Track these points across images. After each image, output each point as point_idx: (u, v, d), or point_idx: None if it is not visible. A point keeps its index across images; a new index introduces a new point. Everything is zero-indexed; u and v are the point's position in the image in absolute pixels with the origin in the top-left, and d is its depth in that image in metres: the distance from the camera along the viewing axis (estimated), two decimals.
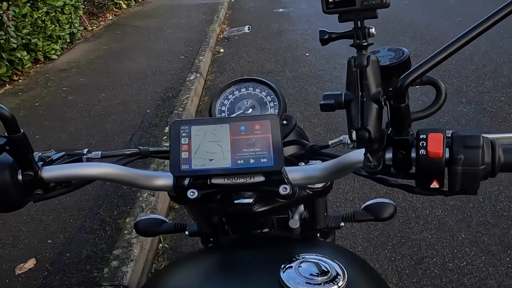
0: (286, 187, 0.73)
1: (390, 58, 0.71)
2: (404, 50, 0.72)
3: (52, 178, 0.75)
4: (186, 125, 0.75)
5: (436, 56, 0.56)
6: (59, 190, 0.78)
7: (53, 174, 0.75)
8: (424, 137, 0.61)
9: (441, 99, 0.70)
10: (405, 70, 0.68)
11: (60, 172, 0.76)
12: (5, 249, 2.46)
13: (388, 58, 0.71)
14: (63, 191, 0.79)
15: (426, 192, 0.64)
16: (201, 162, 0.72)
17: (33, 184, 0.74)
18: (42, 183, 0.75)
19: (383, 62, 0.69)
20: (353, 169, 0.72)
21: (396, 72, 0.69)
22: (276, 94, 0.96)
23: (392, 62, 0.70)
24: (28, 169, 0.73)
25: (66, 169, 0.76)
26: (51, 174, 0.75)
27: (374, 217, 1.08)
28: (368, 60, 0.62)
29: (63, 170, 0.76)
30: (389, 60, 0.71)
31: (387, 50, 0.73)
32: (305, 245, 0.89)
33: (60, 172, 0.76)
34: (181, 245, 2.51)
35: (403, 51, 0.72)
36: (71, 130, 3.98)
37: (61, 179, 0.76)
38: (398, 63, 0.70)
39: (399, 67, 0.69)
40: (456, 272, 2.13)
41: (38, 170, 0.74)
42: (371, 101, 0.61)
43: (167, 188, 0.78)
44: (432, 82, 0.71)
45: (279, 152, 0.72)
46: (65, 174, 0.76)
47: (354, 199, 2.72)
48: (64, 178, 0.76)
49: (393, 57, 0.71)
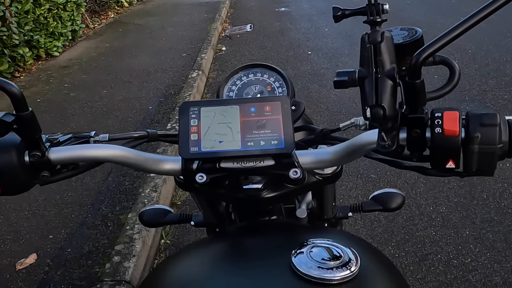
0: (296, 170, 0.71)
1: (404, 37, 0.69)
2: (417, 29, 0.71)
3: (59, 160, 0.74)
4: (196, 106, 0.74)
5: (451, 32, 0.55)
6: (66, 173, 0.77)
7: (60, 155, 0.73)
8: (440, 115, 0.59)
9: (454, 79, 0.69)
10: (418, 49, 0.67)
11: (67, 153, 0.74)
12: (6, 244, 2.45)
13: (401, 37, 0.69)
14: (70, 174, 0.77)
15: (442, 173, 0.62)
16: (210, 144, 0.71)
17: (40, 166, 0.73)
18: (49, 164, 0.73)
19: (396, 40, 0.67)
20: (365, 151, 0.70)
21: (409, 50, 0.67)
22: (284, 79, 0.94)
23: (406, 40, 0.69)
24: (36, 149, 0.71)
25: (73, 150, 0.74)
26: (58, 155, 0.73)
27: (382, 207, 1.07)
28: (382, 36, 0.61)
29: (71, 151, 0.74)
30: (402, 38, 0.69)
31: (399, 30, 0.72)
32: (315, 231, 0.88)
33: (68, 153, 0.74)
34: (183, 240, 2.49)
35: (416, 30, 0.70)
36: (73, 126, 3.97)
37: (68, 160, 0.74)
38: (412, 41, 0.68)
39: (413, 45, 0.68)
40: (461, 269, 2.11)
41: (46, 151, 0.72)
42: (386, 78, 0.59)
43: (175, 173, 0.76)
44: (445, 61, 0.69)
45: (290, 134, 0.70)
46: (72, 155, 0.74)
47: (357, 195, 2.71)
48: (71, 159, 0.74)
49: (406, 35, 0.70)
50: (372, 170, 2.91)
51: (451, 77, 0.69)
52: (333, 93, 4.33)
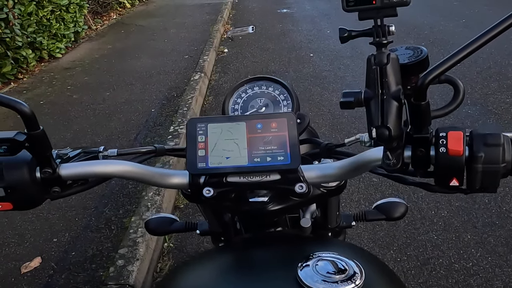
0: (302, 185, 0.73)
1: (409, 57, 0.71)
2: (422, 48, 0.72)
3: (70, 176, 0.75)
4: (203, 122, 0.75)
5: (456, 54, 0.56)
6: (76, 188, 0.78)
7: (70, 171, 0.75)
8: (444, 135, 0.61)
9: (459, 97, 0.70)
10: (423, 69, 0.68)
11: (77, 169, 0.76)
12: (10, 247, 2.47)
13: (407, 57, 0.71)
14: (80, 189, 0.79)
15: (445, 190, 0.64)
16: (217, 160, 0.72)
17: (51, 182, 0.74)
18: (60, 180, 0.75)
19: (402, 60, 0.68)
20: (370, 167, 0.72)
21: (414, 70, 0.69)
22: (289, 92, 0.96)
23: (411, 61, 0.70)
24: (47, 166, 0.73)
25: (83, 166, 0.76)
26: (68, 171, 0.75)
27: (385, 216, 1.08)
28: (388, 58, 0.62)
29: (81, 167, 0.76)
30: (407, 58, 0.70)
31: (404, 49, 0.73)
32: (320, 244, 0.89)
33: (78, 169, 0.76)
34: (186, 244, 2.51)
35: (422, 50, 0.72)
36: (76, 129, 3.99)
37: (78, 176, 0.76)
38: (417, 61, 0.70)
39: (418, 65, 0.69)
40: (462, 273, 2.12)
41: (56, 167, 0.74)
42: (391, 99, 0.61)
43: (183, 186, 0.78)
44: (450, 80, 0.71)
45: (296, 150, 0.72)
46: (82, 171, 0.76)
47: (359, 199, 2.72)
48: (82, 175, 0.76)
49: (411, 55, 0.71)
50: (374, 175, 2.92)
51: (456, 95, 0.70)
52: (335, 96, 4.35)
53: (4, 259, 2.38)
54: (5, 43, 5.07)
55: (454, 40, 5.50)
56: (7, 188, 0.72)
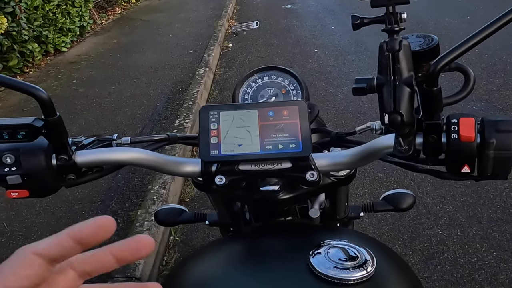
0: (313, 173, 0.74)
1: (420, 44, 0.72)
2: (433, 36, 0.73)
3: (85, 163, 0.76)
4: (215, 110, 0.76)
5: (468, 41, 0.57)
6: (91, 175, 0.79)
7: (86, 158, 0.76)
8: (456, 121, 0.62)
9: (469, 85, 0.71)
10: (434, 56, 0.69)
11: (92, 156, 0.76)
12: (18, 240, 2.49)
13: (418, 44, 0.72)
14: (95, 176, 0.80)
15: (456, 177, 0.65)
16: (230, 148, 0.73)
17: (67, 169, 0.75)
18: (75, 167, 0.76)
19: (413, 47, 0.69)
20: (381, 155, 0.72)
21: (426, 57, 0.70)
22: (299, 82, 0.97)
23: (422, 48, 0.71)
24: (63, 153, 0.74)
25: (98, 153, 0.77)
26: (84, 158, 0.76)
27: (393, 207, 1.09)
28: (400, 45, 0.63)
29: (96, 154, 0.77)
30: (418, 46, 0.71)
31: (415, 37, 0.74)
32: (331, 232, 0.90)
33: (93, 156, 0.76)
34: (192, 238, 2.52)
35: (432, 38, 0.73)
36: (81, 122, 4.00)
37: (93, 163, 0.77)
38: (428, 48, 0.71)
39: (429, 52, 0.70)
40: (467, 268, 2.13)
41: (72, 154, 0.75)
42: (404, 85, 0.62)
43: (195, 174, 0.79)
44: (461, 68, 0.72)
45: (307, 138, 0.73)
46: (97, 159, 0.77)
47: (364, 194, 2.73)
48: (96, 162, 0.77)
49: (422, 43, 0.72)
50: (379, 169, 2.93)
51: (466, 83, 0.71)
52: (340, 91, 4.35)
53: (11, 252, 2.36)
54: (11, 36, 5.08)
55: (459, 36, 5.45)
56: (24, 175, 0.73)
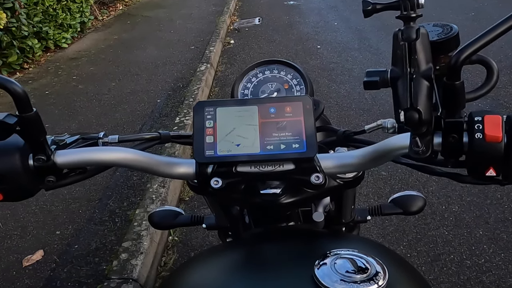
0: (318, 175, 0.67)
1: (438, 34, 0.65)
2: (452, 25, 0.66)
3: (66, 164, 0.69)
4: (211, 106, 0.70)
5: (493, 29, 0.50)
6: (73, 177, 0.73)
7: (67, 159, 0.69)
8: (480, 119, 0.55)
9: (493, 79, 0.64)
10: (454, 47, 0.62)
11: (74, 156, 0.70)
12: (13, 240, 2.43)
13: (436, 34, 0.65)
14: (78, 178, 0.73)
15: (480, 181, 0.58)
16: (227, 148, 0.67)
17: (45, 170, 0.68)
18: (55, 168, 0.69)
19: (431, 37, 0.62)
20: (394, 156, 0.66)
21: (444, 48, 0.63)
22: (302, 77, 0.90)
23: (440, 38, 0.64)
24: (40, 153, 0.67)
25: (81, 153, 0.70)
26: (64, 159, 0.69)
27: (402, 210, 1.03)
28: (417, 33, 0.56)
29: (78, 154, 0.70)
30: (436, 35, 0.64)
31: (432, 26, 0.67)
32: (338, 240, 0.84)
33: (75, 156, 0.70)
34: (191, 238, 2.46)
35: (451, 27, 0.66)
36: (81, 119, 3.95)
37: (75, 164, 0.70)
38: (447, 38, 0.64)
39: (448, 43, 0.64)
40: (474, 270, 2.07)
41: (51, 154, 0.68)
42: (421, 78, 0.55)
43: (189, 177, 0.72)
44: (483, 61, 0.65)
45: (312, 137, 0.66)
46: (79, 159, 0.70)
47: (368, 193, 2.66)
48: (79, 163, 0.70)
49: (440, 32, 0.65)
50: (383, 167, 2.87)
51: (489, 76, 0.64)
52: (343, 88, 4.28)
53: (6, 252, 2.34)
54: (11, 32, 5.03)
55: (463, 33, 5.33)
56: None
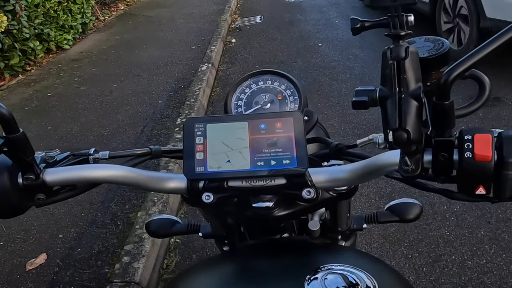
0: (310, 190, 0.67)
1: (429, 50, 0.64)
2: (444, 40, 0.65)
3: (56, 182, 0.70)
4: (201, 123, 0.70)
5: (485, 47, 0.50)
6: (63, 194, 0.73)
7: (56, 177, 0.70)
8: (470, 137, 0.54)
9: (484, 94, 0.63)
10: (445, 63, 0.62)
11: (64, 174, 0.70)
12: (16, 243, 2.45)
13: (427, 50, 0.64)
14: (68, 195, 0.73)
15: (470, 198, 0.58)
16: (217, 164, 0.67)
17: (35, 188, 0.69)
18: (45, 186, 0.69)
19: (421, 53, 0.62)
20: (385, 172, 0.65)
21: (435, 65, 0.62)
22: (296, 87, 0.90)
23: (431, 54, 0.63)
24: (29, 172, 0.68)
25: (70, 171, 0.71)
26: (54, 177, 0.70)
27: (398, 218, 1.03)
28: (406, 52, 0.56)
29: (67, 172, 0.70)
30: (427, 51, 0.63)
31: (423, 41, 0.66)
32: (330, 253, 0.84)
33: (64, 174, 0.70)
34: (193, 240, 2.47)
35: (443, 42, 0.64)
36: (83, 121, 3.96)
37: (65, 182, 0.71)
38: (438, 55, 0.63)
39: (439, 59, 0.62)
40: (475, 270, 2.06)
41: (40, 172, 0.69)
42: (410, 98, 0.55)
43: (181, 191, 0.72)
44: (474, 76, 0.64)
45: (303, 153, 0.66)
46: (69, 177, 0.70)
47: (369, 193, 2.66)
48: (69, 181, 0.71)
49: (431, 48, 0.64)
50: None
51: (481, 92, 0.64)
52: (344, 86, 4.28)
53: (10, 255, 2.35)
54: (12, 35, 5.04)
55: None
56: None
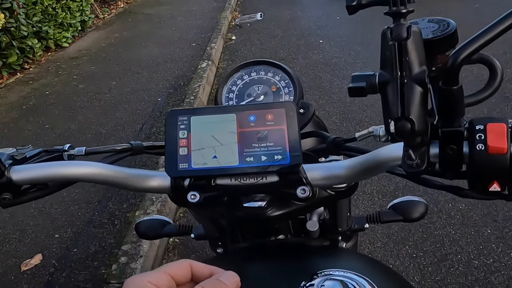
0: (304, 188, 0.62)
1: (433, 31, 0.57)
2: (449, 21, 0.58)
3: (23, 180, 0.65)
4: (185, 115, 0.64)
5: (495, 26, 0.44)
6: (33, 194, 0.68)
7: (24, 175, 0.65)
8: (482, 128, 0.48)
9: (496, 80, 0.56)
10: (451, 45, 0.55)
11: (32, 172, 0.65)
12: (11, 243, 2.40)
13: (431, 31, 0.57)
14: (37, 195, 0.68)
15: (483, 195, 0.52)
16: (202, 160, 0.61)
17: (0, 187, 0.64)
18: (11, 185, 0.64)
19: (425, 35, 0.55)
20: (387, 168, 0.60)
21: (440, 47, 0.55)
22: (291, 78, 0.84)
23: (436, 35, 0.56)
24: None
25: (39, 169, 0.65)
26: (21, 175, 0.64)
27: (402, 217, 0.97)
28: (408, 31, 0.49)
29: (36, 170, 0.65)
30: (431, 33, 0.56)
31: (427, 22, 0.60)
32: (328, 257, 0.78)
33: (33, 172, 0.65)
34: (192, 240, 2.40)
35: (449, 23, 0.58)
36: (81, 119, 3.91)
37: (34, 180, 0.65)
38: (444, 36, 0.56)
39: (445, 41, 0.56)
40: (482, 270, 2.01)
41: (5, 170, 0.64)
42: (414, 83, 0.48)
43: (164, 190, 0.67)
44: (485, 59, 0.57)
45: (296, 148, 0.61)
46: (38, 174, 0.65)
47: (372, 191, 2.60)
48: (38, 179, 0.65)
49: (436, 29, 0.57)
50: None
51: (492, 78, 0.57)
52: (346, 83, 4.21)
53: (4, 256, 2.31)
54: (10, 32, 5.00)
55: (467, 25, 5.28)
56: None
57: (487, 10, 5.68)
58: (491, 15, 0.43)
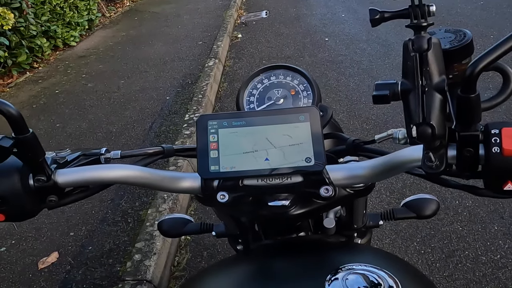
0: (328, 188, 0.66)
1: (450, 41, 0.62)
2: (466, 31, 0.63)
3: (68, 183, 0.69)
4: (215, 120, 0.68)
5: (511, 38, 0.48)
6: (76, 195, 0.72)
7: (68, 178, 0.68)
8: (497, 132, 0.52)
9: (509, 86, 0.61)
10: (467, 54, 0.60)
11: (75, 175, 0.69)
12: (28, 242, 2.45)
13: (448, 41, 0.62)
14: (80, 196, 0.72)
15: (497, 194, 0.56)
16: (231, 163, 0.66)
17: (46, 190, 0.67)
18: (57, 188, 0.68)
19: (443, 45, 0.60)
20: (407, 168, 0.64)
21: (457, 57, 0.60)
22: (309, 82, 0.88)
23: (453, 45, 0.61)
24: (40, 173, 0.66)
25: (82, 172, 0.69)
26: (66, 178, 0.68)
27: (415, 214, 1.01)
28: (429, 43, 0.54)
29: (79, 173, 0.69)
30: (449, 43, 0.61)
31: (444, 32, 0.64)
32: (349, 252, 0.82)
33: (76, 175, 0.69)
34: (203, 237, 2.46)
35: (465, 33, 0.62)
36: (91, 118, 3.96)
37: (76, 183, 0.69)
38: (460, 46, 0.61)
39: (461, 51, 0.61)
40: (490, 266, 2.04)
41: (51, 174, 0.67)
42: (434, 91, 0.53)
43: (195, 191, 0.71)
44: (499, 67, 0.62)
45: (320, 150, 0.65)
46: (81, 178, 0.69)
47: (380, 189, 2.64)
48: (80, 182, 0.69)
49: (453, 39, 0.62)
50: None
51: (505, 84, 0.62)
52: (352, 80, 4.25)
53: (22, 254, 2.36)
54: (19, 32, 5.05)
55: (472, 23, 5.32)
56: None
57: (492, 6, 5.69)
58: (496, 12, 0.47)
